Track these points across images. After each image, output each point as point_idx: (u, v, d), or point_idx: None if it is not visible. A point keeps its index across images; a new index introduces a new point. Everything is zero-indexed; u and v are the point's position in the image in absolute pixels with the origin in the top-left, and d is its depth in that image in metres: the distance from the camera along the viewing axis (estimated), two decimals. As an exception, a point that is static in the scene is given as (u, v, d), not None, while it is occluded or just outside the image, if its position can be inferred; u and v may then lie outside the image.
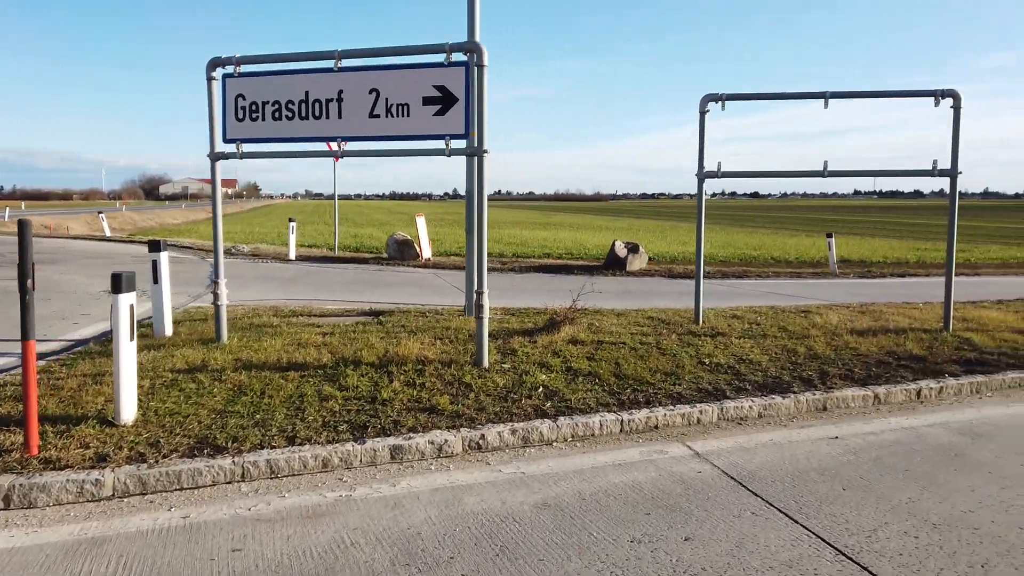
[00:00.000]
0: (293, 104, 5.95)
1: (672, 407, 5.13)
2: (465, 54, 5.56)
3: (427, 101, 5.65)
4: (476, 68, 5.54)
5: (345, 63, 5.81)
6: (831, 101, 7.36)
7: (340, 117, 5.85)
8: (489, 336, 6.71)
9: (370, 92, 5.76)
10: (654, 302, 10.56)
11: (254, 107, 6.05)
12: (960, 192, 7.53)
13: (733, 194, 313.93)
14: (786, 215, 72.07)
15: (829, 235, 16.18)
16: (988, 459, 4.47)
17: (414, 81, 5.66)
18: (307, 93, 5.91)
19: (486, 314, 5.71)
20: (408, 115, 5.70)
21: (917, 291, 12.61)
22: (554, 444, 4.67)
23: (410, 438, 4.41)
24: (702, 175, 7.56)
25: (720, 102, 7.39)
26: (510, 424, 4.70)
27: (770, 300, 10.92)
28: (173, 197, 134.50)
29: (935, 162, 7.27)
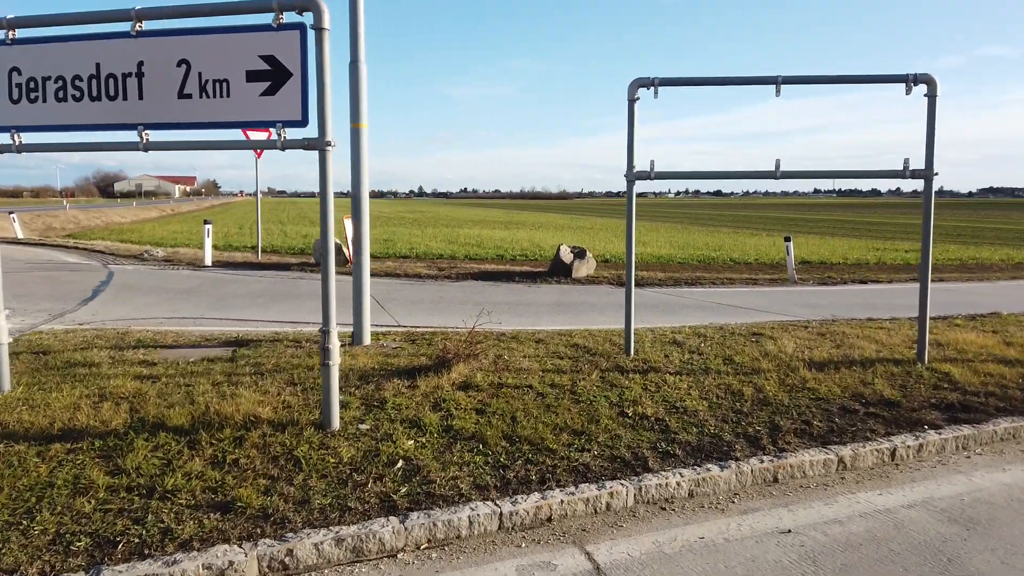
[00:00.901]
0: (81, 80, 4.47)
1: (574, 488, 3.81)
2: (300, 14, 4.15)
3: (252, 76, 4.23)
4: (315, 32, 4.14)
5: (147, 25, 4.36)
6: (785, 88, 6.15)
7: (141, 98, 4.40)
8: (361, 379, 5.34)
9: (179, 64, 4.32)
10: (592, 319, 9.29)
11: (32, 84, 4.55)
12: (916, 191, 6.35)
13: (697, 192, 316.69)
14: (748, 214, 71.99)
15: (787, 238, 15.13)
16: (993, 568, 3.25)
17: (235, 49, 4.24)
18: (98, 66, 4.43)
19: (334, 360, 4.31)
20: (228, 95, 4.27)
21: (880, 300, 11.58)
22: (399, 556, 3.31)
23: (175, 563, 3.00)
24: (632, 176, 6.25)
25: (652, 88, 6.10)
26: (337, 529, 3.32)
27: (721, 314, 9.73)
28: (128, 195, 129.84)
29: (907, 161, 6.11)
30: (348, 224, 16.25)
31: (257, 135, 11.12)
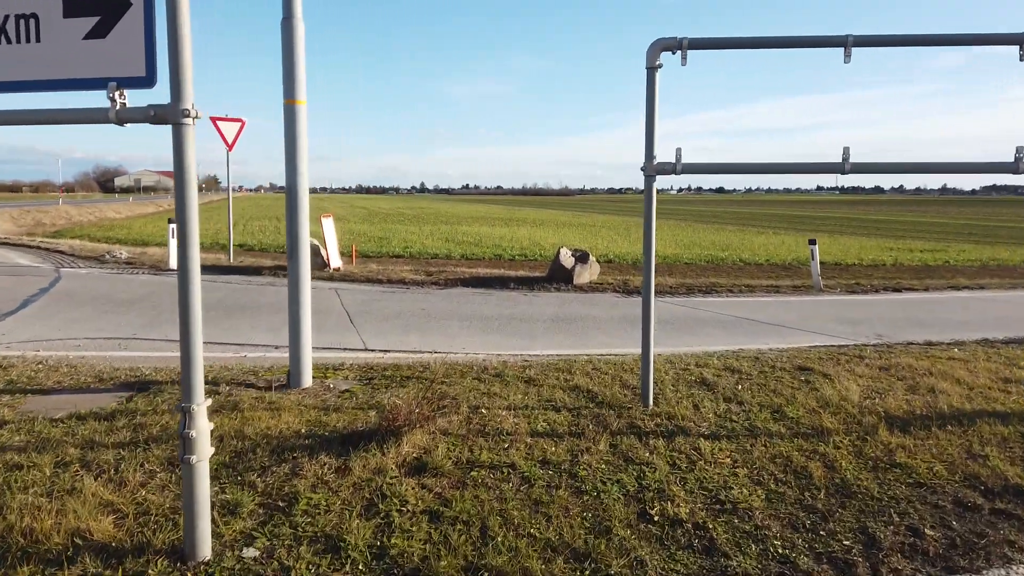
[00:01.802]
0: None
1: None
2: (141, -94, 2.63)
3: (72, 9, 2.71)
4: (163, -63, 2.62)
5: (-80, -66, 2.84)
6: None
7: (-86, 45, 2.88)
8: (274, 453, 3.82)
9: (-34, -7, 2.81)
10: (595, 339, 7.81)
11: None
12: (918, 188, 4.85)
13: (699, 189, 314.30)
14: (752, 211, 70.44)
15: (812, 242, 13.62)
16: None
17: (45, -33, 2.72)
18: None
19: (202, 454, 2.78)
20: (37, 38, 2.76)
21: (925, 314, 10.05)
22: None
23: None
24: (652, 170, 4.72)
25: (679, 51, 4.57)
26: None
27: (748, 333, 8.23)
28: (127, 190, 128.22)
29: (1020, 150, 4.59)
30: (328, 223, 14.77)
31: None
